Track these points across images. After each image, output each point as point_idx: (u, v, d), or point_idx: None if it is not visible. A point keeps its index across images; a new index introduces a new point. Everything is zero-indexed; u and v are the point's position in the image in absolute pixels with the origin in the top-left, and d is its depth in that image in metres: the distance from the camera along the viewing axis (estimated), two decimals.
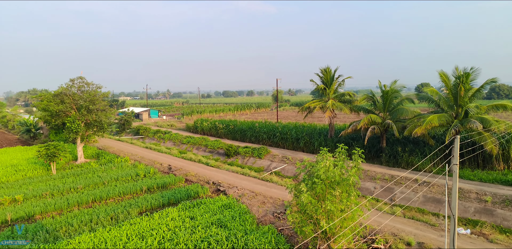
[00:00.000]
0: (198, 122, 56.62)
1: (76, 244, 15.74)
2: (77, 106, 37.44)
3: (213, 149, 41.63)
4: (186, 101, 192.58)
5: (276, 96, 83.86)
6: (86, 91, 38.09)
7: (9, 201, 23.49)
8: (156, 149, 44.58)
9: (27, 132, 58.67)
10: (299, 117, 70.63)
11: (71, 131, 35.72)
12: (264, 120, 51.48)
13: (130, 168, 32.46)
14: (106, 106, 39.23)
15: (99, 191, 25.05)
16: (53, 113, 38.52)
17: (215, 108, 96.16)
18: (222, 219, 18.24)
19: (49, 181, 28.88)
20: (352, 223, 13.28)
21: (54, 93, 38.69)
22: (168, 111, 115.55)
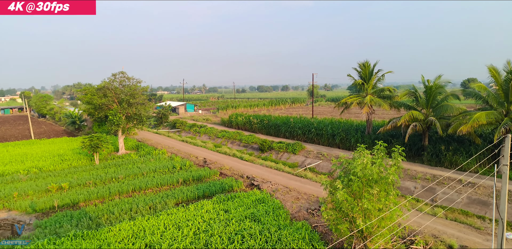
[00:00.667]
0: (232, 117, 57.25)
1: (116, 231, 16.55)
2: (118, 100, 39.09)
3: (247, 143, 41.96)
4: (221, 96, 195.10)
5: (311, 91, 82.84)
6: (127, 85, 39.63)
7: (56, 188, 25.06)
8: (191, 142, 45.66)
9: (72, 123, 62.25)
10: (335, 113, 69.35)
11: (113, 123, 37.43)
12: (299, 116, 51.10)
13: (167, 160, 33.52)
14: (145, 100, 40.67)
15: (139, 181, 26.11)
16: (97, 107, 40.57)
17: (250, 103, 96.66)
18: (256, 213, 18.42)
19: (92, 170, 30.49)
20: (390, 223, 12.93)
21: (97, 87, 40.68)
22: (203, 105, 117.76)
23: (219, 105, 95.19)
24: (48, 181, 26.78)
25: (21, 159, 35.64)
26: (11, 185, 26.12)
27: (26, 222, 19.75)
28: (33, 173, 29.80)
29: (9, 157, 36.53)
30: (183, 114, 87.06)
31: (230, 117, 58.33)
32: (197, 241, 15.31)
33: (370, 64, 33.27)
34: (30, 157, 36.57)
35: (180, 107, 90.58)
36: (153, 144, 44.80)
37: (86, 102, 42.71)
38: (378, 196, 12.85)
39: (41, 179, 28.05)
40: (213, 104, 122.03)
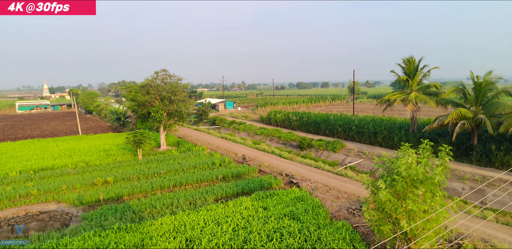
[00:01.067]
0: (271, 114, 57.31)
1: (158, 225, 17.21)
2: (160, 97, 40.49)
3: (286, 140, 41.83)
4: (260, 93, 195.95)
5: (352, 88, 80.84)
6: (169, 83, 40.90)
7: (102, 182, 26.49)
8: (231, 139, 46.32)
9: (117, 120, 65.34)
10: (377, 110, 67.22)
11: (155, 120, 38.89)
12: (340, 113, 50.09)
13: (206, 157, 34.28)
14: (185, 97, 41.81)
15: (179, 177, 26.95)
16: (140, 103, 42.26)
17: (289, 100, 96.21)
18: (295, 211, 18.36)
19: (136, 165, 31.89)
20: (436, 225, 12.38)
21: (140, 85, 42.36)
22: (242, 102, 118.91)
23: (258, 103, 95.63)
24: (94, 175, 28.36)
25: (69, 153, 38.03)
26: (60, 178, 27.95)
27: (74, 214, 21.05)
28: (80, 167, 31.68)
29: (59, 152, 39.12)
30: (223, 111, 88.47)
31: (269, 114, 58.44)
32: (236, 238, 15.54)
33: (415, 59, 31.90)
34: (77, 151, 38.93)
35: (219, 105, 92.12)
36: (193, 140, 45.98)
37: (130, 99, 44.63)
38: (423, 197, 12.34)
39: (88, 173, 29.77)
40: (252, 102, 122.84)
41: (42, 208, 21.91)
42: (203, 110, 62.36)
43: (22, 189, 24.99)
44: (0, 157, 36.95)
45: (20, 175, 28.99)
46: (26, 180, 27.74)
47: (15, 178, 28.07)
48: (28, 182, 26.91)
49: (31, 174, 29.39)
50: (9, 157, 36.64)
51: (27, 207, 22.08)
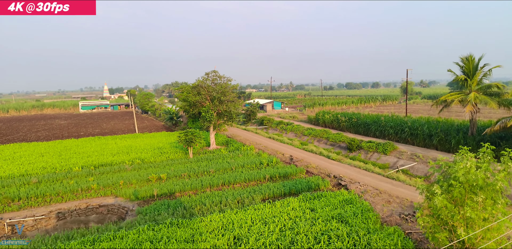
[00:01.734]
0: (319, 115, 56.53)
1: (208, 222, 17.75)
2: (210, 97, 41.62)
3: (335, 142, 41.04)
4: (308, 94, 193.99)
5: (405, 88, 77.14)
6: (219, 83, 41.85)
7: (156, 178, 27.83)
8: (278, 139, 46.42)
9: (170, 119, 68.22)
10: (433, 111, 63.54)
11: (206, 119, 40.07)
12: (391, 114, 48.15)
13: (254, 156, 34.66)
14: (235, 98, 42.55)
15: (228, 175, 27.54)
16: (191, 104, 43.83)
17: (337, 101, 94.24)
18: (343, 214, 17.98)
19: (187, 163, 33.09)
20: (498, 235, 11.51)
21: (192, 86, 43.90)
22: (290, 103, 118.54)
23: (306, 103, 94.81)
24: (149, 172, 29.86)
25: (126, 150, 40.39)
26: (118, 174, 29.77)
27: (130, 208, 22.33)
28: (137, 164, 33.51)
29: (117, 149, 41.71)
30: (270, 111, 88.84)
31: (317, 115, 57.71)
32: (283, 238, 15.57)
33: (474, 58, 29.77)
34: (134, 149, 41.23)
35: (267, 105, 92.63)
36: (242, 140, 46.71)
37: (182, 99, 46.48)
38: (483, 204, 11.50)
39: (143, 169, 31.41)
40: (300, 102, 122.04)
41: (101, 202, 23.54)
42: (251, 110, 63.11)
43: (83, 183, 27.03)
44: (65, 152, 40.27)
45: (82, 170, 31.37)
46: (87, 175, 29.95)
47: (78, 172, 30.44)
48: (89, 177, 29.04)
49: (92, 169, 31.69)
50: (73, 153, 39.81)
51: (87, 200, 23.83)
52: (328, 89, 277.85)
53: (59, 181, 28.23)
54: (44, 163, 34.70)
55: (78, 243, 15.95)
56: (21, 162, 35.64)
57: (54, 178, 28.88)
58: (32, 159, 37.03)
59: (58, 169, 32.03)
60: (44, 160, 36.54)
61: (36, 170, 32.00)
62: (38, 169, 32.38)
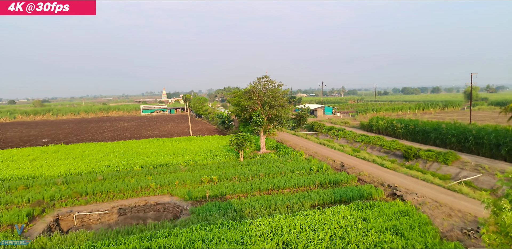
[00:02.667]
0: (373, 121, 54.48)
1: (257, 225, 17.80)
2: (262, 102, 42.04)
3: (389, 149, 39.24)
4: (361, 99, 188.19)
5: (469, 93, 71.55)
6: (270, 88, 42.20)
7: (208, 180, 28.57)
8: (329, 145, 45.46)
9: (222, 123, 69.88)
10: (501, 119, 58.30)
11: (256, 124, 40.49)
12: (453, 121, 44.97)
13: (304, 162, 34.24)
14: (285, 103, 42.57)
15: (277, 180, 27.46)
16: (243, 108, 44.60)
17: (393, 106, 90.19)
18: (398, 226, 17.03)
19: (237, 166, 33.57)
20: None
21: (244, 91, 44.68)
22: (342, 108, 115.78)
23: (358, 108, 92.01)
24: (202, 173, 30.75)
25: (181, 152, 42.01)
26: (173, 174, 31.02)
27: (184, 207, 23.12)
28: (190, 165, 34.68)
29: (173, 150, 43.53)
30: (321, 117, 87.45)
31: (370, 121, 55.69)
32: (333, 247, 15.13)
33: None
34: (188, 151, 42.75)
35: (318, 110, 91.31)
36: (292, 145, 46.44)
37: (234, 104, 47.42)
38: None
39: (196, 171, 32.42)
40: (352, 107, 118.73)
41: (158, 200, 24.68)
42: (302, 115, 62.56)
43: (143, 181, 28.54)
44: (127, 152, 42.88)
45: (142, 169, 33.15)
46: (147, 174, 31.58)
47: (138, 171, 32.21)
48: (148, 176, 30.60)
49: (151, 169, 33.36)
50: (134, 153, 42.25)
51: (146, 198, 25.10)
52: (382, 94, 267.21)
53: (121, 179, 30.13)
54: (108, 162, 37.27)
55: (137, 238, 16.87)
56: (89, 160, 38.61)
57: (117, 176, 30.90)
58: (98, 158, 39.96)
59: (120, 168, 34.20)
60: (108, 158, 39.27)
61: (101, 168, 34.45)
62: (103, 167, 34.83)
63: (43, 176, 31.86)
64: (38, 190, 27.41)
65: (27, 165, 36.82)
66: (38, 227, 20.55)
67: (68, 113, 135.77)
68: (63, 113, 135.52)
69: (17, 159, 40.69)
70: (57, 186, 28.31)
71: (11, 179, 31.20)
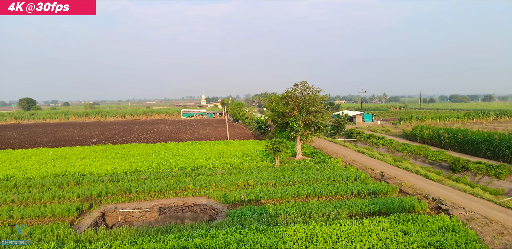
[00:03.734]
0: (417, 129, 52.22)
1: (291, 232, 17.58)
2: (299, 108, 41.73)
3: (434, 160, 37.36)
4: (404, 106, 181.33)
5: None
6: (307, 94, 41.82)
7: (244, 184, 28.71)
8: (368, 154, 44.13)
9: (259, 128, 70.19)
10: None
11: (293, 129, 40.17)
12: (508, 132, 42.00)
13: (341, 170, 33.47)
14: (323, 109, 41.98)
15: (313, 187, 27.03)
16: (279, 114, 44.51)
17: (439, 115, 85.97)
18: (443, 242, 16.08)
19: (273, 172, 33.47)
20: None
21: (281, 96, 44.62)
22: (383, 116, 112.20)
23: (401, 116, 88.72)
24: (238, 177, 30.97)
25: (219, 155, 42.62)
26: (210, 177, 31.51)
27: (220, 210, 23.39)
28: (227, 169, 35.05)
29: (211, 153, 44.29)
30: (360, 124, 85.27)
31: (413, 129, 53.44)
32: None
33: None
34: (225, 154, 43.29)
35: (357, 117, 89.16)
36: (328, 152, 45.61)
37: (271, 109, 47.44)
38: None
39: (232, 174, 32.69)
40: (394, 115, 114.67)
41: (195, 201, 25.18)
42: (340, 122, 61.30)
43: (182, 183, 29.28)
44: (168, 154, 44.23)
45: (181, 171, 34.03)
46: (185, 175, 32.34)
47: (177, 173, 33.12)
48: (186, 178, 31.34)
49: (189, 171, 34.16)
50: (174, 155, 43.50)
51: (184, 199, 25.72)
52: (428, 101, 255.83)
53: (162, 179, 31.16)
54: (150, 162, 38.69)
55: (175, 237, 17.42)
56: (133, 160, 40.37)
57: (158, 176, 32.03)
58: (141, 158, 41.66)
59: (161, 169, 35.33)
60: (150, 159, 40.79)
61: (144, 168, 35.84)
62: (146, 167, 36.22)
63: (91, 174, 33.80)
64: (87, 186, 29.10)
65: (78, 163, 39.23)
66: (86, 221, 21.82)
67: (115, 116, 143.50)
68: (111, 115, 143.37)
69: (69, 157, 43.43)
70: (104, 183, 29.86)
71: (63, 175, 33.35)
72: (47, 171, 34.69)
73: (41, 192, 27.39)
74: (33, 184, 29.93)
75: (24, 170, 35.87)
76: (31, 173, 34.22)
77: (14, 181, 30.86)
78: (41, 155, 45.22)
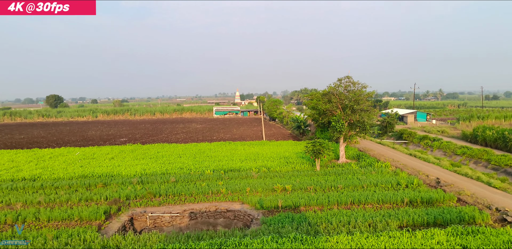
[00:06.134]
0: (478, 130, 49.72)
1: (334, 243, 17.38)
2: (342, 105, 41.09)
3: (499, 165, 35.41)
4: (463, 104, 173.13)
5: None
6: (352, 90, 41.06)
7: (281, 189, 28.70)
8: (421, 157, 42.58)
9: (298, 128, 69.90)
10: None
11: (335, 129, 39.59)
12: None
13: (390, 175, 32.59)
14: (369, 107, 41.01)
15: (358, 194, 26.54)
16: (321, 112, 44.12)
17: (504, 114, 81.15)
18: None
19: (313, 176, 33.22)
20: None
21: (322, 93, 44.17)
22: (438, 114, 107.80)
23: (460, 115, 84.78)
24: (274, 181, 31.03)
25: (254, 157, 42.95)
26: (245, 181, 31.79)
27: (255, 216, 23.57)
28: (263, 172, 35.23)
29: (245, 155, 44.73)
30: (412, 124, 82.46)
31: (474, 130, 50.94)
32: None
33: None
34: (261, 156, 43.55)
35: (408, 116, 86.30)
36: (375, 155, 44.54)
37: (311, 107, 47.11)
38: None
39: (269, 178, 32.82)
40: (451, 114, 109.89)
41: (229, 207, 25.55)
42: (388, 122, 59.60)
43: (214, 186, 29.79)
44: (199, 155, 45.22)
45: (213, 174, 34.62)
46: (218, 179, 32.91)
47: (209, 175, 33.73)
48: (219, 181, 31.87)
49: (222, 173, 34.68)
50: (206, 156, 44.40)
51: (216, 204, 26.16)
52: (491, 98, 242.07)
53: (193, 182, 31.88)
54: (181, 164, 39.74)
55: (207, 245, 17.69)
56: (163, 161, 41.65)
57: (188, 179, 32.78)
58: (171, 159, 42.90)
59: (192, 171, 36.21)
60: (181, 161, 41.90)
61: (174, 169, 36.87)
62: (176, 169, 37.23)
63: (120, 175, 35.18)
64: (115, 188, 30.27)
65: (106, 163, 41.03)
66: (113, 226, 22.70)
67: (144, 114, 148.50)
68: (140, 113, 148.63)
69: (97, 157, 45.57)
70: (133, 185, 30.98)
71: (91, 176, 34.96)
72: (74, 172, 36.45)
73: (68, 194, 28.61)
74: (60, 185, 31.40)
75: (51, 170, 37.84)
76: (58, 173, 36.01)
77: (40, 182, 32.46)
78: (68, 155, 47.69)
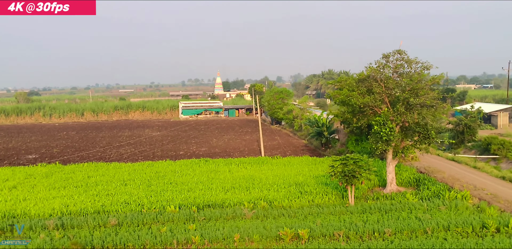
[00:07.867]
0: None
1: None
2: (390, 98, 40.56)
3: None
4: None
5: None
6: (406, 74, 40.63)
7: (291, 236, 28.49)
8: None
9: (318, 135, 69.47)
10: None
11: (380, 138, 39.00)
12: None
13: (470, 212, 32.75)
14: (435, 100, 40.12)
15: (418, 243, 26.52)
16: (356, 109, 43.75)
17: None
18: None
19: (344, 214, 33.25)
20: None
21: (358, 78, 43.79)
22: None
23: None
24: (280, 223, 30.94)
25: (246, 184, 42.96)
26: (231, 223, 31.74)
27: None
28: (261, 208, 35.16)
29: (232, 181, 44.79)
30: (506, 128, 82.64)
31: None
32: None
33: None
34: (257, 182, 43.59)
35: (500, 115, 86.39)
36: (445, 178, 44.60)
37: (340, 102, 47.02)
38: None
39: (271, 218, 32.84)
40: None
41: None
42: (467, 124, 59.88)
43: (181, 232, 29.58)
44: (156, 181, 45.34)
45: (179, 212, 34.58)
46: (187, 219, 32.89)
47: (173, 214, 33.72)
48: (189, 223, 31.76)
49: (194, 211, 34.70)
50: (168, 183, 44.53)
51: None
52: None
53: (147, 226, 31.83)
54: (127, 196, 39.80)
55: None
56: (97, 192, 41.71)
57: (139, 220, 32.71)
58: (111, 189, 43.00)
59: (146, 207, 36.27)
60: (127, 191, 41.99)
61: (115, 205, 36.93)
62: (119, 204, 37.33)
63: (27, 214, 34.96)
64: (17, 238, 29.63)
65: (3, 196, 40.76)
66: None
67: (67, 114, 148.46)
68: (59, 113, 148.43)
69: None
70: (48, 231, 30.58)
71: None
72: None
73: None
74: None
75: None
76: None
77: None
78: None
